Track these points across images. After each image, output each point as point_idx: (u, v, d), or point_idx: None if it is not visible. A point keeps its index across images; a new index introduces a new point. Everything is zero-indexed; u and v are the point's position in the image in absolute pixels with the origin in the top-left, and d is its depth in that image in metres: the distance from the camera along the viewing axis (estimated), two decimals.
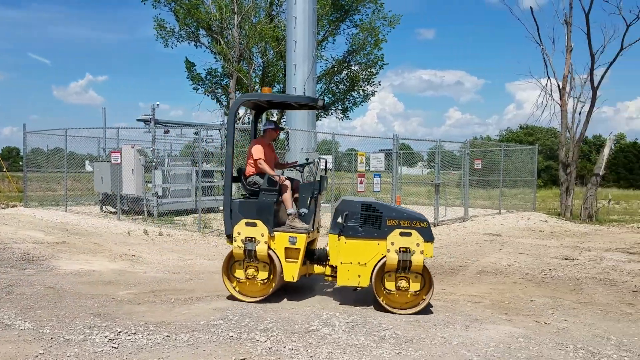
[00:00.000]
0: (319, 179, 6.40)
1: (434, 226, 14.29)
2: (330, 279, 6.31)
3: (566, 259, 9.74)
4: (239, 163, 11.49)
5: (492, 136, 70.64)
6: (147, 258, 8.90)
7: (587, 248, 11.10)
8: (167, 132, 17.02)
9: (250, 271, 5.99)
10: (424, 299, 5.75)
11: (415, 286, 5.73)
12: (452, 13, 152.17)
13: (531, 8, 26.87)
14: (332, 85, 27.46)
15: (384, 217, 5.81)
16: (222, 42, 24.25)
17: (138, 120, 17.83)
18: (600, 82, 17.20)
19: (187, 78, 27.83)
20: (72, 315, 5.35)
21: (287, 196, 6.21)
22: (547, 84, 18.17)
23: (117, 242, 10.51)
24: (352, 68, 26.53)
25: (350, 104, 28.24)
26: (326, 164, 6.96)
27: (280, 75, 26.31)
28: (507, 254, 10.11)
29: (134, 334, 4.82)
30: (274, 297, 6.20)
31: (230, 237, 6.09)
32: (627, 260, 9.62)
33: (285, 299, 6.19)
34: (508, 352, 4.57)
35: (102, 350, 4.39)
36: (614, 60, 17.26)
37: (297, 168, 7.36)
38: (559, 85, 17.78)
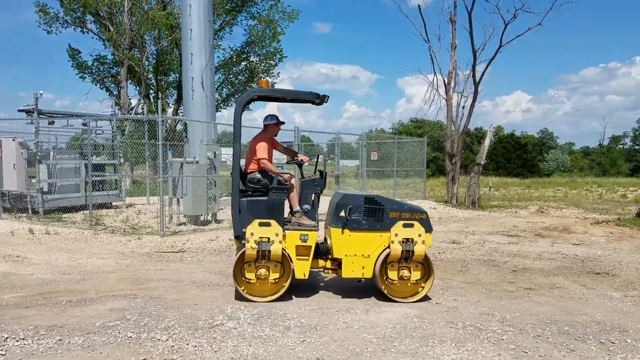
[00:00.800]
0: (319, 176, 6.32)
1: None
2: (329, 272, 6.29)
3: (453, 242, 10.48)
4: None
5: (385, 129, 73.59)
6: (33, 259, 8.24)
7: (471, 232, 12.02)
8: (52, 123, 15.76)
9: (262, 271, 5.77)
10: (423, 287, 5.99)
11: (416, 275, 5.94)
12: (347, 8, 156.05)
13: (419, 6, 28.22)
14: (231, 75, 27.08)
15: (386, 209, 5.94)
16: (112, 29, 22.89)
17: (19, 110, 16.34)
18: (481, 78, 18.55)
19: (72, 67, 25.98)
20: None
21: (294, 194, 6.16)
22: (433, 79, 19.32)
23: None
24: (251, 59, 26.34)
25: None
26: (325, 160, 6.74)
27: (176, 64, 25.43)
28: None
29: (23, 339, 4.47)
30: (183, 293, 6.04)
31: (239, 238, 5.86)
32: (507, 242, 10.56)
33: (189, 296, 6.06)
34: (404, 332, 4.85)
35: None
36: (494, 57, 18.69)
37: (298, 165, 6.91)
38: (444, 81, 18.93)
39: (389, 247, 5.88)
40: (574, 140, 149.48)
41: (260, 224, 5.74)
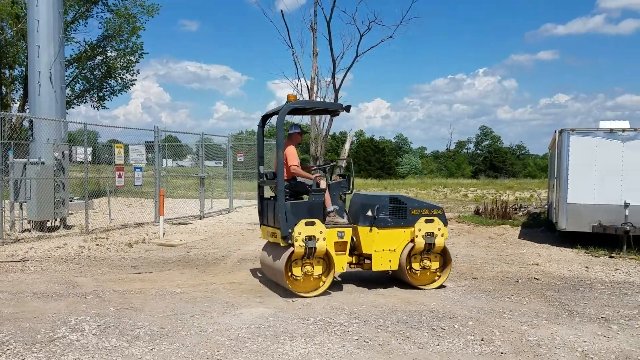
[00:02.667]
0: (344, 179, 7.00)
1: (200, 219, 14.42)
2: (354, 266, 6.92)
3: None
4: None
5: (256, 131, 73.68)
6: None
7: None
8: None
9: (308, 268, 6.29)
10: (439, 276, 6.89)
11: (435, 264, 6.85)
12: (215, 8, 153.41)
13: (282, 12, 28.88)
14: (86, 70, 25.21)
15: (408, 207, 6.73)
16: None
17: None
18: (340, 85, 19.37)
19: None
20: None
21: (327, 195, 6.61)
22: (298, 84, 19.74)
23: None
24: (109, 54, 24.76)
25: (108, 92, 26.34)
26: (352, 165, 7.38)
27: (22, 57, 23.05)
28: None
29: None
30: (22, 306, 5.54)
31: (286, 239, 6.16)
32: None
33: (29, 308, 5.58)
34: (258, 332, 4.97)
35: None
36: (351, 65, 19.67)
37: (323, 169, 7.46)
38: (307, 86, 19.52)
39: (412, 240, 6.68)
40: (426, 144, 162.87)
41: (307, 224, 6.18)
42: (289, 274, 6.26)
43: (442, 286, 6.91)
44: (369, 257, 6.73)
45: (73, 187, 15.29)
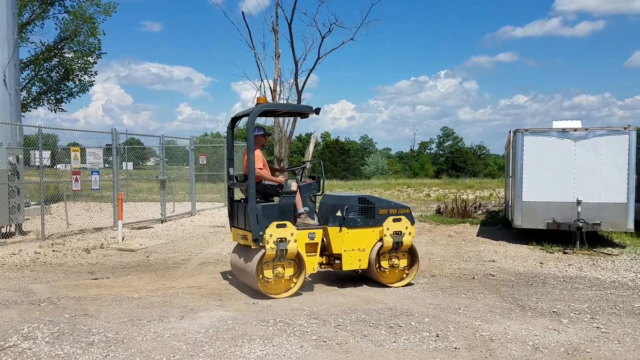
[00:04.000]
0: (315, 180, 7.03)
1: (162, 222, 14.21)
2: (324, 267, 7.00)
3: None
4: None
5: (222, 132, 72.98)
6: None
7: None
8: None
9: (279, 270, 6.35)
10: (407, 274, 7.07)
11: (403, 262, 7.04)
12: (177, 8, 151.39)
13: (243, 13, 28.82)
14: (42, 72, 24.48)
15: (376, 207, 6.89)
16: None
17: None
18: (303, 86, 19.49)
19: None
20: None
21: (298, 197, 6.69)
22: (261, 86, 19.71)
23: None
24: (66, 55, 24.10)
25: (66, 94, 25.65)
26: (323, 166, 7.36)
27: None
28: (229, 244, 10.76)
29: None
30: None
31: (257, 241, 6.18)
32: None
33: None
34: (216, 335, 4.96)
35: None
36: (313, 67, 19.76)
37: (294, 171, 7.68)
38: (270, 88, 19.52)
39: (380, 240, 6.84)
40: (391, 145, 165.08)
41: (278, 226, 6.23)
42: (260, 276, 6.30)
43: (410, 284, 7.09)
44: (339, 257, 6.86)
45: (30, 192, 14.84)
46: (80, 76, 24.92)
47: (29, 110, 25.37)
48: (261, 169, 6.74)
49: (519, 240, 11.14)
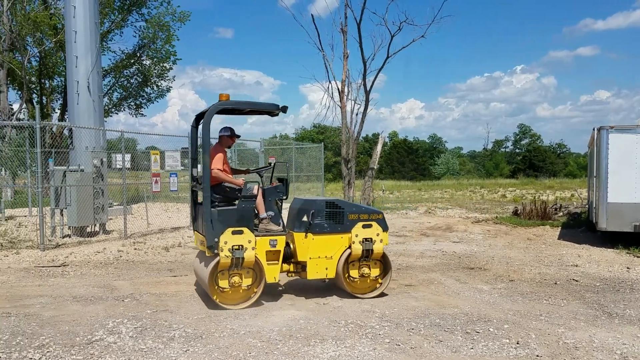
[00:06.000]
0: (281, 183, 6.53)
1: None
2: (293, 275, 6.52)
3: None
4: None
5: (289, 134, 74.18)
6: None
7: None
8: None
9: (235, 279, 5.88)
10: (381, 283, 6.50)
11: (375, 272, 6.44)
12: (249, 14, 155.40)
13: (312, 16, 28.89)
14: (123, 79, 25.92)
15: (345, 212, 6.31)
16: None
17: None
18: (371, 86, 19.31)
19: None
20: None
21: (260, 201, 6.24)
22: (328, 87, 19.75)
23: None
24: (144, 62, 25.39)
25: (145, 100, 27.02)
26: (287, 167, 6.83)
27: (61, 67, 23.89)
28: None
29: None
30: (62, 309, 5.73)
31: (211, 248, 5.79)
32: (395, 242, 11.14)
33: (68, 311, 5.76)
34: (289, 334, 4.99)
35: None
36: (382, 67, 19.55)
37: (259, 172, 7.18)
38: (338, 89, 19.53)
39: (350, 247, 6.28)
40: (462, 144, 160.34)
41: (234, 232, 5.79)
42: (215, 286, 5.86)
43: (383, 294, 6.50)
44: (305, 265, 6.34)
45: (113, 193, 15.72)
46: (158, 82, 26.16)
47: (111, 116, 26.94)
48: (220, 169, 6.26)
49: (603, 244, 10.46)
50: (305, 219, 6.27)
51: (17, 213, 15.89)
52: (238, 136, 6.81)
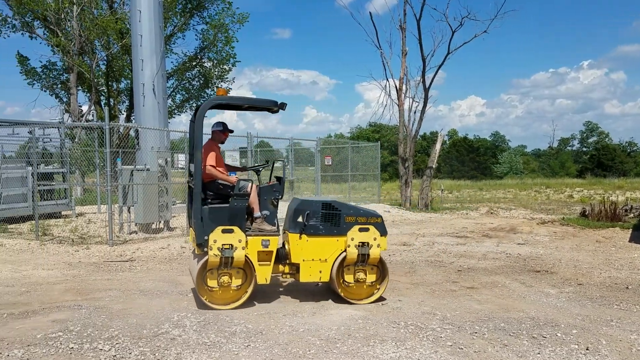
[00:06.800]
0: (278, 182, 6.31)
1: None
2: (287, 277, 6.36)
3: (404, 244, 10.74)
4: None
5: (344, 133, 74.15)
6: None
7: (422, 234, 12.33)
8: None
9: (225, 279, 5.76)
10: (378, 289, 6.20)
11: (371, 277, 6.14)
12: (306, 14, 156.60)
13: (370, 13, 28.74)
14: (185, 81, 26.80)
15: (342, 214, 6.08)
16: (60, 34, 22.32)
17: None
18: (431, 83, 19.03)
19: (20, 73, 25.24)
20: None
21: (255, 200, 6.10)
22: (386, 85, 19.59)
23: None
24: (205, 65, 26.16)
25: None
26: (284, 166, 6.65)
27: (127, 70, 25.01)
28: None
29: None
30: (129, 302, 5.99)
31: (201, 246, 5.77)
32: (455, 244, 10.90)
33: (135, 305, 6.01)
34: (348, 333, 4.98)
35: None
36: (442, 63, 19.21)
37: (255, 171, 7.02)
38: (396, 87, 19.32)
39: (345, 250, 6.02)
40: (526, 142, 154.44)
41: (224, 231, 5.69)
42: (204, 285, 5.77)
43: (381, 298, 6.25)
44: (298, 266, 6.13)
45: (176, 191, 16.27)
46: (218, 84, 26.86)
47: (174, 117, 27.96)
48: (213, 166, 6.13)
49: None
50: (300, 219, 6.07)
51: (87, 210, 16.76)
52: (231, 131, 6.65)
